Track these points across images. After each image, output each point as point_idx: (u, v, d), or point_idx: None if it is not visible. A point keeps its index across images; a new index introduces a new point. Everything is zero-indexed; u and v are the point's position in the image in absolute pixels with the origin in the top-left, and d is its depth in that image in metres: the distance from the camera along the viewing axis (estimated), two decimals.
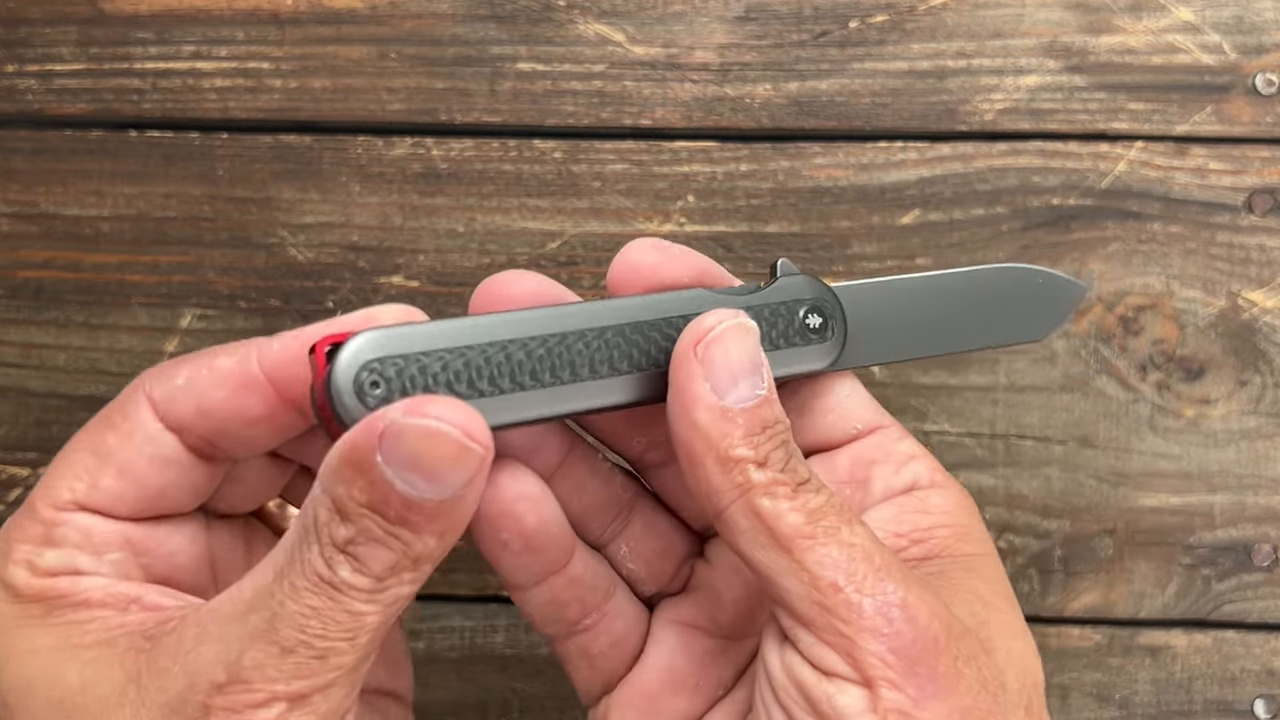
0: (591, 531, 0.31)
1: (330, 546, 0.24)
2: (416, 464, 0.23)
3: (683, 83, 0.42)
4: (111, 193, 0.43)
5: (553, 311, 0.27)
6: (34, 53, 0.43)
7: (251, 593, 0.24)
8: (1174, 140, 0.41)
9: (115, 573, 0.27)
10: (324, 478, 0.24)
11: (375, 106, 0.42)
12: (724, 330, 0.27)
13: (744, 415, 0.26)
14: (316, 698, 0.24)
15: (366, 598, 0.24)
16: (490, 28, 0.42)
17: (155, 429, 0.27)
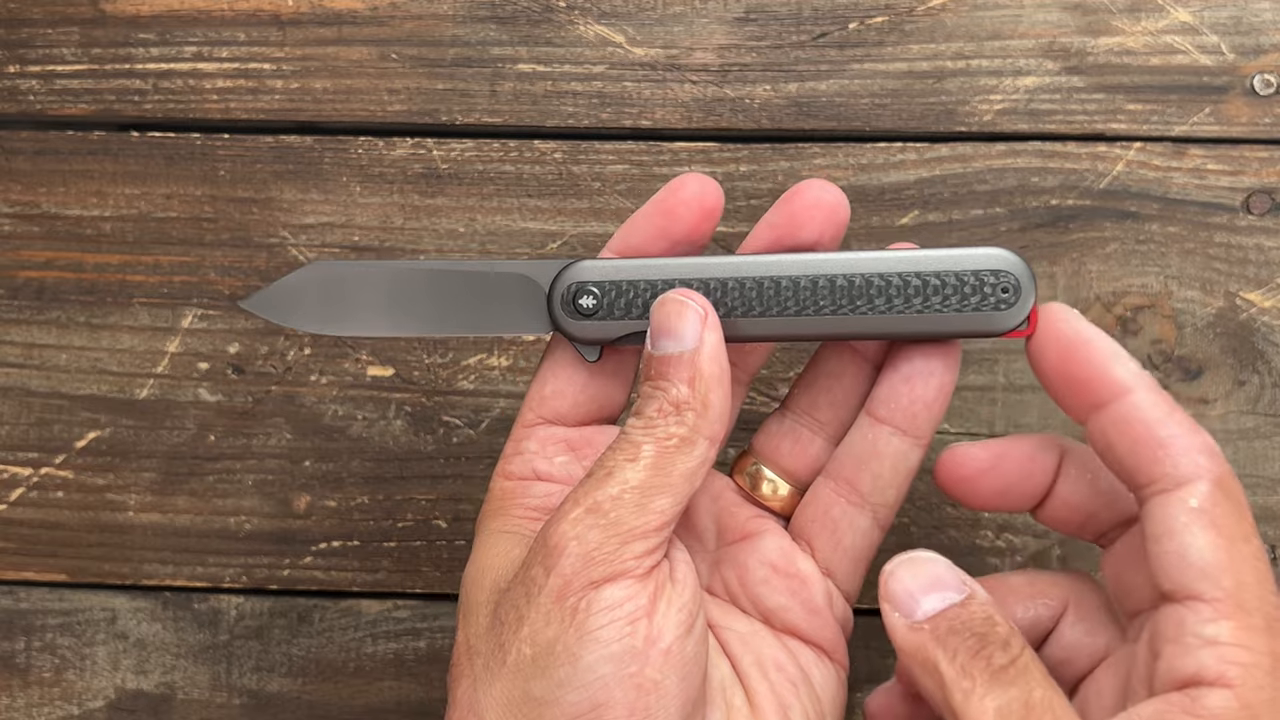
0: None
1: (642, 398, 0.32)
2: (659, 328, 0.32)
3: (682, 84, 0.42)
4: (113, 193, 0.43)
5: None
6: (36, 54, 0.43)
7: None
8: (1172, 141, 0.41)
9: (563, 473, 0.34)
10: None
11: (376, 107, 0.42)
12: (894, 568, 0.31)
13: (930, 623, 0.30)
14: (607, 505, 0.30)
15: (642, 432, 0.31)
16: (491, 29, 0.42)
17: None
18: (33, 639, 0.43)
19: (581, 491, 0.31)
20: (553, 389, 0.34)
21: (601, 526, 0.30)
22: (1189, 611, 0.28)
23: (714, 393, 0.31)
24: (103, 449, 0.43)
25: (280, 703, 0.43)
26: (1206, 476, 0.29)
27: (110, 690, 0.43)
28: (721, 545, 0.35)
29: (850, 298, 0.33)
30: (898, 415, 0.33)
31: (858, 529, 0.34)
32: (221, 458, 0.43)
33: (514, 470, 0.34)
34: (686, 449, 0.31)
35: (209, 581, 0.43)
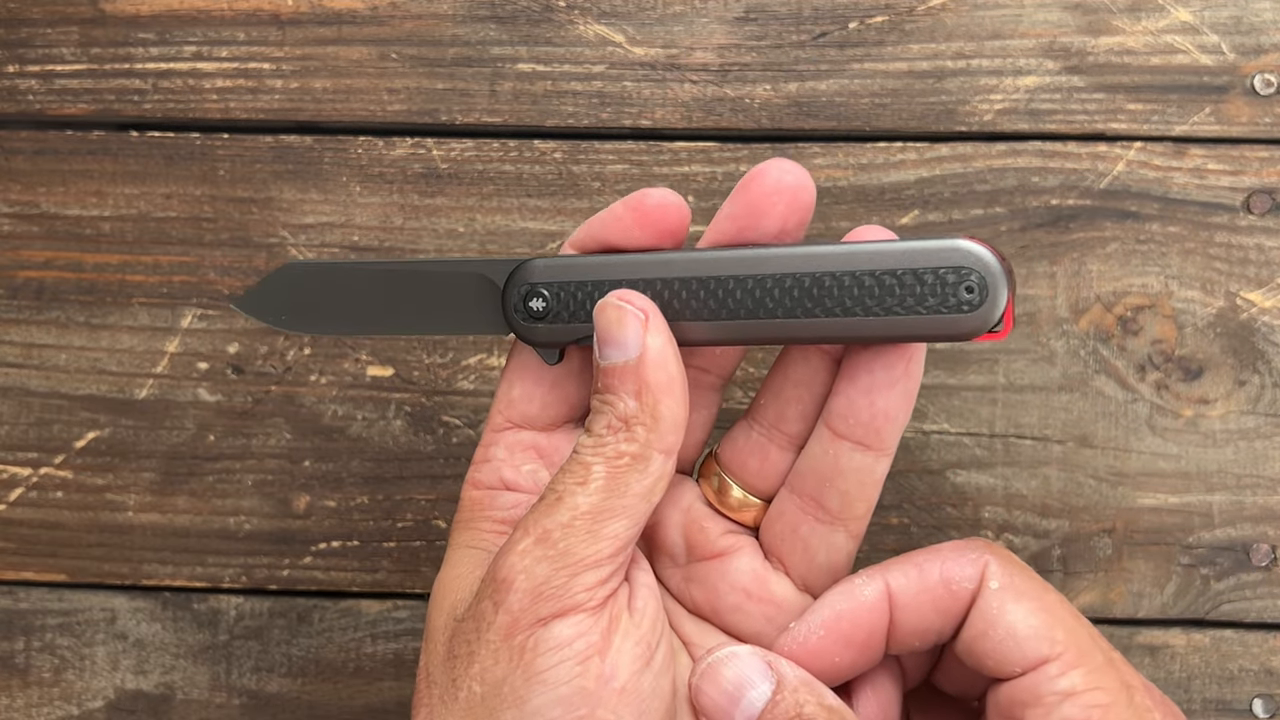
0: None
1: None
2: (602, 336, 0.30)
3: (682, 83, 0.42)
4: (112, 193, 0.43)
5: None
6: (35, 53, 0.43)
7: None
8: (1172, 141, 0.41)
9: (531, 482, 0.32)
10: None
11: (376, 107, 0.42)
12: (699, 682, 0.30)
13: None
14: (556, 534, 0.28)
15: (591, 452, 0.29)
16: (490, 29, 0.42)
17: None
18: (32, 639, 0.43)
19: (531, 519, 0.29)
20: (520, 391, 0.33)
21: (550, 558, 0.28)
22: (1038, 675, 0.29)
23: (663, 403, 0.29)
24: (102, 449, 0.43)
25: (280, 703, 0.43)
26: (988, 555, 0.30)
27: (110, 690, 0.43)
28: (692, 561, 0.33)
29: (801, 299, 0.30)
30: (858, 430, 0.31)
31: (831, 545, 0.32)
32: (221, 458, 0.43)
33: (482, 479, 0.33)
34: (639, 466, 0.29)
35: (208, 582, 0.43)
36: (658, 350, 0.29)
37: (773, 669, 0.29)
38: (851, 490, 0.31)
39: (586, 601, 0.28)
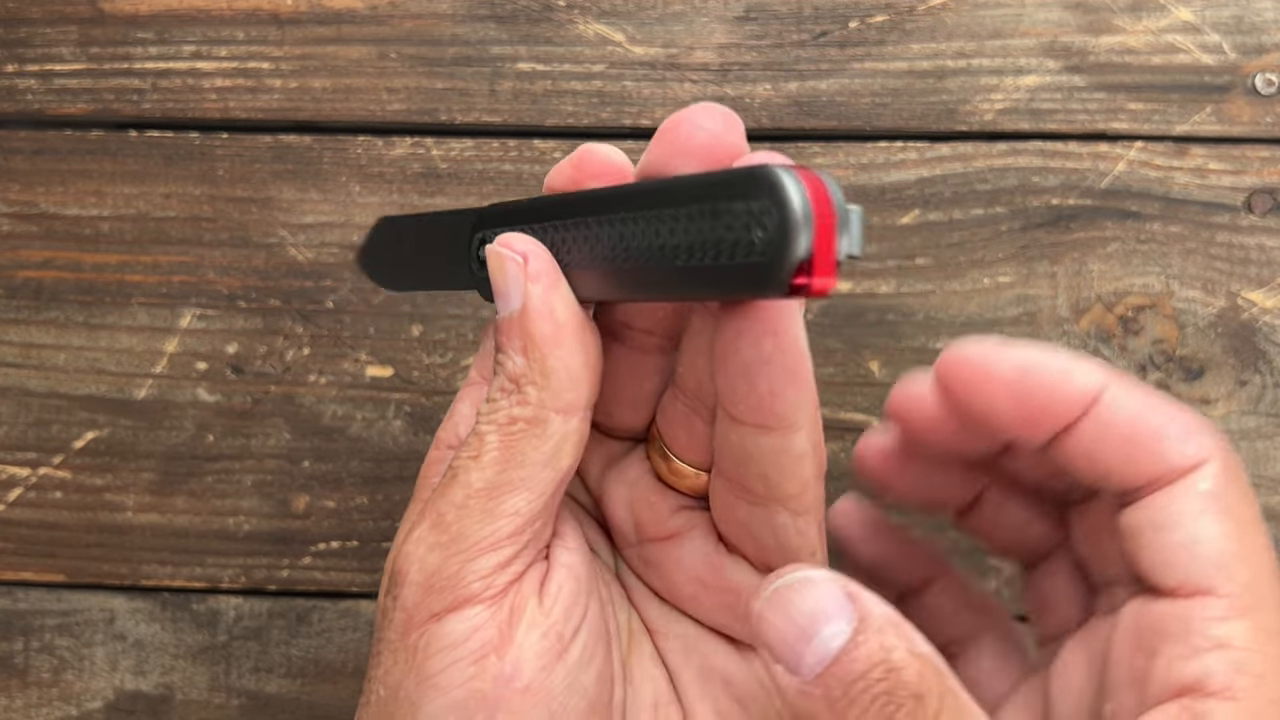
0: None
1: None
2: (495, 289, 0.27)
3: (682, 83, 0.42)
4: (111, 193, 0.43)
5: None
6: (34, 53, 0.43)
7: None
8: (1174, 140, 0.41)
9: None
10: None
11: (375, 106, 0.42)
12: (763, 609, 0.24)
13: (819, 684, 0.23)
14: (450, 516, 0.25)
15: (486, 419, 0.26)
16: (490, 28, 0.42)
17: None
18: (31, 640, 0.43)
19: (430, 498, 0.26)
20: (492, 346, 0.29)
21: (443, 545, 0.25)
22: (1197, 608, 0.25)
23: (552, 356, 0.26)
24: (101, 449, 0.43)
25: (279, 704, 0.43)
26: (1215, 457, 0.25)
27: (109, 691, 0.43)
28: (643, 541, 0.30)
29: (619, 246, 0.25)
30: (751, 414, 0.26)
31: (776, 527, 0.28)
32: (220, 458, 0.43)
33: (444, 436, 0.29)
34: (536, 431, 0.25)
35: (207, 582, 0.43)
36: (540, 297, 0.26)
37: (855, 604, 0.23)
38: (771, 474, 0.27)
39: (482, 591, 0.25)
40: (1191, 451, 0.25)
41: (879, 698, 0.22)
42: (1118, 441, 0.26)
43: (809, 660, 0.23)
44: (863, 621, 0.23)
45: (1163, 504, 0.25)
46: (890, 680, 0.22)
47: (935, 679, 0.23)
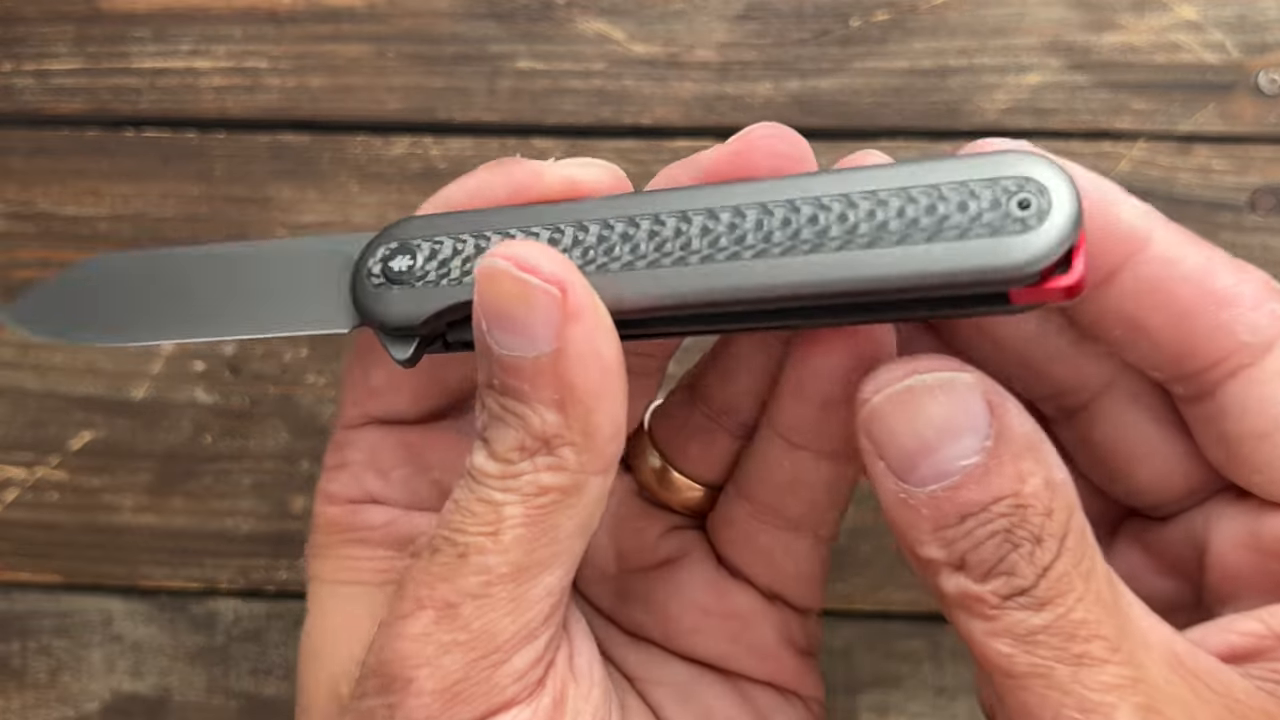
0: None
1: (476, 438, 0.22)
2: (498, 316, 0.20)
3: (683, 81, 0.41)
4: (108, 192, 0.42)
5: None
6: (31, 51, 0.43)
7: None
8: (1177, 139, 0.41)
9: (404, 492, 0.25)
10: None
11: (373, 105, 0.42)
12: (889, 398, 0.20)
13: (930, 504, 0.19)
14: (466, 608, 0.20)
15: (500, 484, 0.21)
16: (489, 26, 0.42)
17: None
18: (28, 641, 0.43)
19: (424, 582, 0.21)
20: (384, 378, 0.25)
21: (464, 645, 0.21)
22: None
23: (598, 411, 0.21)
24: (98, 450, 0.43)
25: (277, 706, 0.42)
26: None
27: (106, 693, 0.43)
28: (626, 570, 0.26)
29: (796, 232, 0.21)
30: (821, 442, 0.24)
31: (797, 554, 0.26)
32: (218, 459, 0.42)
33: (338, 491, 0.25)
34: (572, 500, 0.21)
35: (205, 584, 0.43)
36: (585, 341, 0.20)
37: (995, 417, 0.19)
38: (820, 499, 0.25)
39: (520, 693, 0.21)
40: (1267, 324, 0.21)
41: (996, 535, 0.19)
42: (1170, 304, 0.21)
43: (924, 473, 0.19)
44: (999, 441, 0.19)
45: (1241, 399, 0.21)
46: (1015, 517, 0.19)
47: (1063, 517, 0.19)
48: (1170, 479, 0.23)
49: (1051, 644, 0.19)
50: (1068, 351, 0.23)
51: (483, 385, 0.21)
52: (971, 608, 0.19)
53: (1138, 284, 0.21)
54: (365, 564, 0.25)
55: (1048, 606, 0.19)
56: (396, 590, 0.21)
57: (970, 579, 0.19)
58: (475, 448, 0.21)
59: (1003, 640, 0.19)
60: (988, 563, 0.19)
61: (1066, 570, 0.19)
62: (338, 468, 0.25)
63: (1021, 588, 0.19)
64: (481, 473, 0.21)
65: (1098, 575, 0.19)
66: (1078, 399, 0.23)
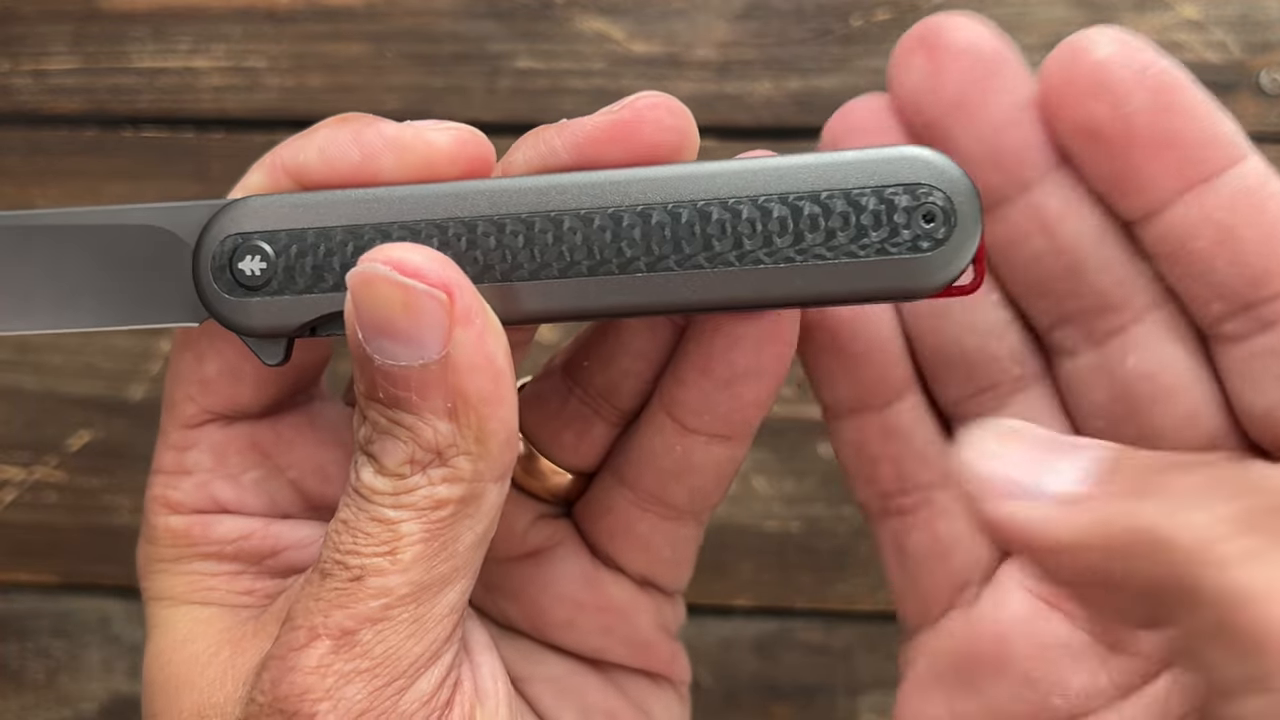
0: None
1: (356, 449, 0.20)
2: (379, 326, 0.19)
3: (683, 80, 0.41)
4: (106, 191, 0.42)
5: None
6: (29, 51, 0.42)
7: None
8: None
9: (261, 499, 0.23)
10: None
11: (372, 104, 0.42)
12: (985, 442, 0.19)
13: (1086, 495, 0.18)
14: (365, 634, 0.19)
15: (392, 501, 0.20)
16: (488, 25, 0.42)
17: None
18: (26, 642, 0.43)
19: (316, 609, 0.20)
20: (220, 367, 0.23)
21: (366, 673, 0.20)
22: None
23: (493, 418, 0.20)
24: (96, 450, 0.42)
25: None
26: None
27: (103, 694, 0.43)
28: (493, 559, 0.25)
29: (691, 239, 0.21)
30: (717, 424, 0.23)
31: (676, 540, 0.25)
32: None
33: (182, 499, 0.23)
34: (470, 511, 0.20)
35: None
36: (474, 346, 0.20)
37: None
38: (708, 485, 0.24)
39: (428, 717, 0.20)
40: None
41: (1154, 470, 0.18)
42: (1263, 218, 0.21)
43: (1056, 485, 0.18)
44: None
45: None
46: (1160, 460, 0.19)
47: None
48: (1192, 425, 0.22)
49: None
50: (1120, 262, 0.22)
51: (363, 397, 0.20)
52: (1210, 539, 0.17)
53: (1236, 192, 0.21)
54: (219, 582, 0.23)
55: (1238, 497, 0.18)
56: (285, 619, 0.20)
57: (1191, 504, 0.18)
58: (359, 463, 0.20)
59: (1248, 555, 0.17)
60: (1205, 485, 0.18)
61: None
62: (178, 473, 0.23)
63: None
64: (371, 490, 0.20)
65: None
66: (1117, 320, 0.22)
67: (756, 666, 0.41)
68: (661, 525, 0.25)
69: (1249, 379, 0.21)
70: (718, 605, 0.40)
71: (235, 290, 0.21)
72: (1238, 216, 0.21)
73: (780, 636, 0.41)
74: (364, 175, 0.21)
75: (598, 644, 0.25)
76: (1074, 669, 0.22)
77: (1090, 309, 0.22)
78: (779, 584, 0.40)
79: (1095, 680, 0.22)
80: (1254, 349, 0.21)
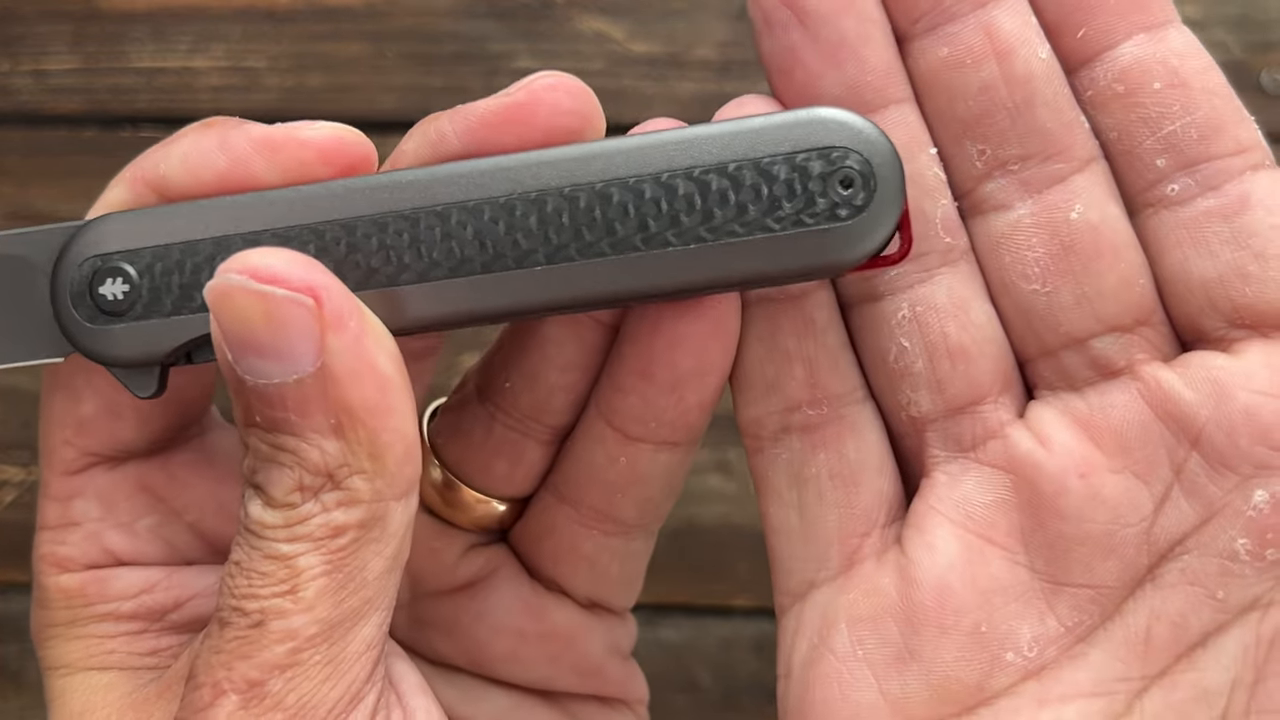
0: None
1: (244, 484, 0.19)
2: (242, 342, 0.18)
3: (683, 80, 0.41)
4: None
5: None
6: (28, 50, 0.42)
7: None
8: None
9: (158, 546, 0.22)
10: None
11: (372, 104, 0.42)
12: None
13: None
14: (274, 683, 0.18)
15: (286, 534, 0.18)
16: (488, 24, 0.42)
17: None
18: (25, 643, 0.43)
19: (218, 660, 0.18)
20: (97, 405, 0.21)
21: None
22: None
23: (385, 430, 0.18)
24: None
25: None
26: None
27: None
28: (423, 595, 0.24)
29: (578, 228, 0.19)
30: (663, 431, 0.21)
31: (627, 554, 0.24)
32: None
33: (71, 555, 0.21)
34: (374, 535, 0.18)
35: None
36: (352, 352, 0.18)
37: None
38: (657, 495, 0.23)
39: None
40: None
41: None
42: (1214, 76, 0.20)
43: None
44: None
45: (1270, 196, 0.20)
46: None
47: None
48: (1129, 288, 0.20)
49: None
50: (1067, 102, 0.21)
51: (242, 424, 0.18)
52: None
53: (1186, 42, 0.21)
54: (119, 644, 0.21)
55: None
56: (189, 677, 0.18)
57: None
58: (246, 498, 0.18)
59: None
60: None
61: None
62: (64, 525, 0.21)
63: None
64: (261, 525, 0.18)
65: None
66: (1061, 169, 0.21)
67: (756, 667, 0.41)
68: (609, 543, 0.23)
69: (1195, 244, 0.20)
70: (717, 605, 0.40)
71: (98, 318, 0.19)
72: (1188, 65, 0.20)
73: None
74: (233, 183, 0.20)
75: (544, 673, 0.24)
76: (1022, 614, 0.20)
77: (1033, 154, 0.20)
78: None
79: (1044, 625, 0.20)
80: (1199, 211, 0.20)
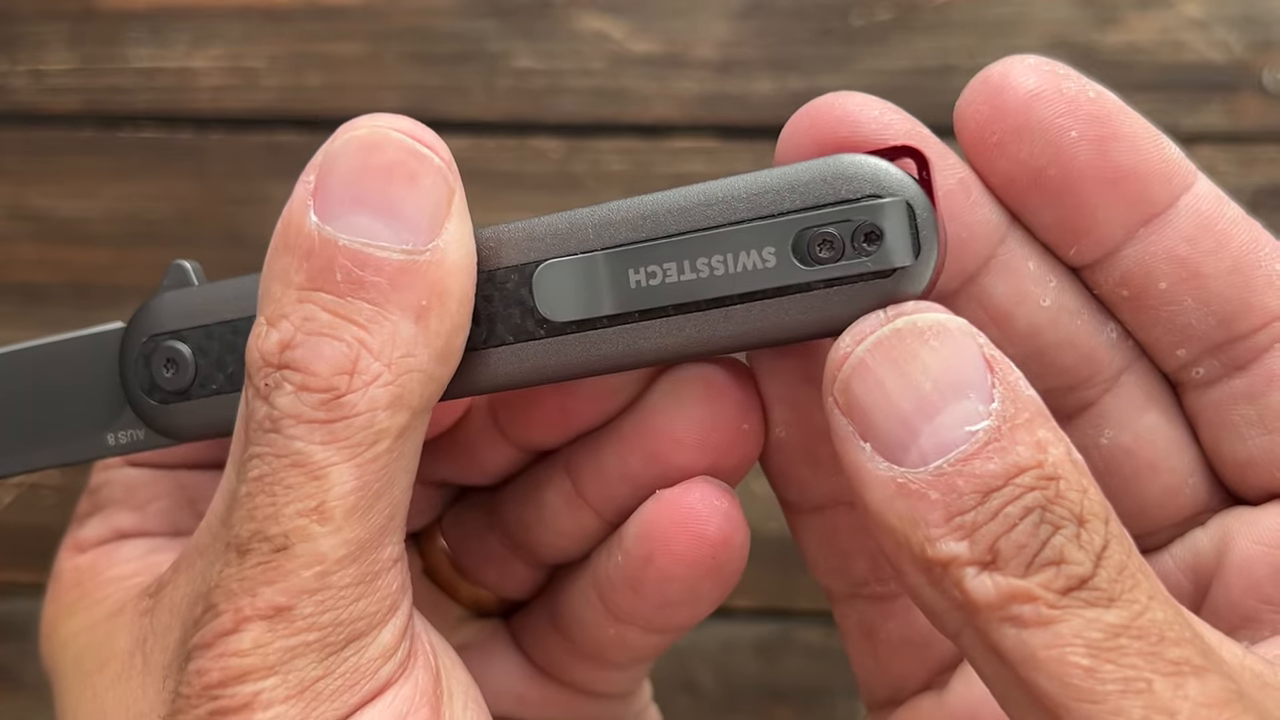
0: None
1: (265, 369, 0.17)
2: (361, 192, 0.17)
3: (683, 79, 0.41)
4: (104, 191, 0.42)
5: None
6: (26, 50, 0.42)
7: (217, 497, 0.18)
8: (1181, 138, 0.40)
9: (163, 520, 0.21)
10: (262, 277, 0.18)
11: (371, 103, 0.42)
12: (864, 358, 0.16)
13: (940, 484, 0.15)
14: (304, 606, 0.16)
15: (322, 435, 0.16)
16: (487, 23, 0.41)
17: None
18: (24, 644, 0.43)
19: (241, 587, 0.17)
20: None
21: (315, 647, 0.16)
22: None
23: (461, 331, 0.17)
24: None
25: None
26: None
27: None
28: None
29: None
30: (654, 626, 0.21)
31: (622, 679, 0.23)
32: None
33: (88, 536, 0.21)
34: (405, 445, 0.17)
35: None
36: (464, 242, 0.18)
37: (996, 378, 0.15)
38: (650, 653, 0.22)
39: (394, 674, 0.17)
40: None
41: (1030, 513, 0.15)
42: (1225, 247, 0.19)
43: (925, 444, 0.15)
44: (1008, 402, 0.15)
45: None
46: (1048, 491, 0.15)
47: (1097, 495, 0.15)
48: (1178, 494, 0.20)
49: (1141, 649, 0.14)
50: (1083, 334, 0.19)
51: (295, 290, 0.17)
52: (1021, 614, 0.14)
53: (1193, 222, 0.19)
54: (110, 594, 0.21)
55: (1117, 603, 0.15)
56: (205, 607, 0.17)
57: (1010, 574, 0.15)
58: (265, 388, 0.16)
59: (1077, 649, 0.14)
60: (1028, 549, 0.15)
61: (1123, 559, 0.15)
62: (88, 514, 0.21)
63: (1081, 577, 0.15)
64: (289, 416, 0.16)
65: (1150, 569, 0.15)
66: (1086, 395, 0.20)
67: (757, 668, 0.41)
68: (603, 673, 0.22)
69: (1224, 427, 0.19)
70: (718, 607, 0.40)
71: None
72: (1198, 250, 0.19)
73: (781, 638, 0.41)
74: None
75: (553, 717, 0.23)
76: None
77: (1055, 389, 0.20)
78: (780, 586, 0.40)
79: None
80: (1226, 393, 0.19)
